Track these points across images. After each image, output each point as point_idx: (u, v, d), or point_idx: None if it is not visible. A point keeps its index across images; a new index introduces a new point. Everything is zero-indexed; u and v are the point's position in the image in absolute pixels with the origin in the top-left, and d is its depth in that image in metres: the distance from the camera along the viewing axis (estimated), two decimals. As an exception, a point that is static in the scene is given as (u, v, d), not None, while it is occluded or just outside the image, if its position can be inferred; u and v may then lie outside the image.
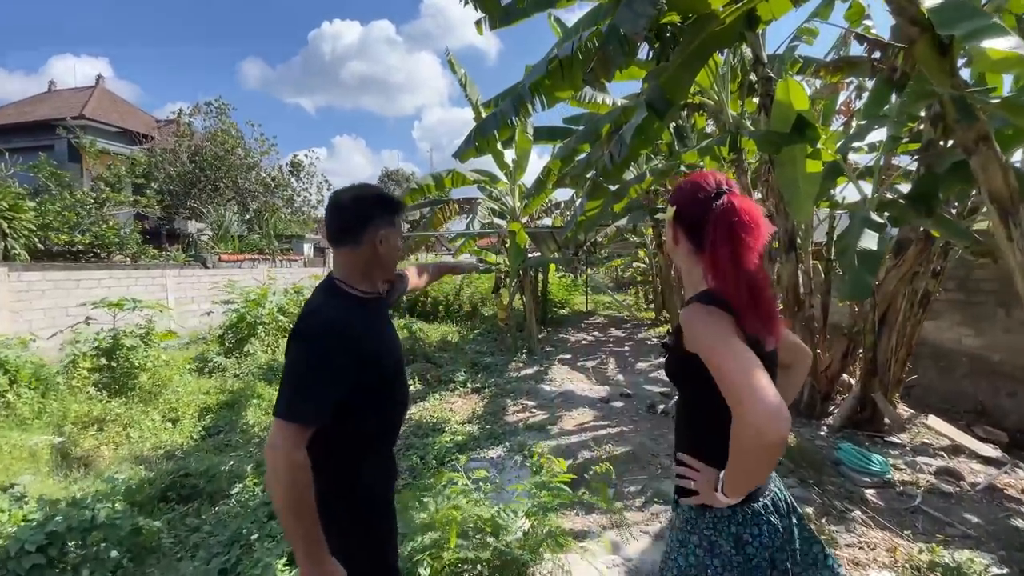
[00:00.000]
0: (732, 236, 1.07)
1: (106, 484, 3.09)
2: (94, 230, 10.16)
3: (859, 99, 6.31)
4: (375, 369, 1.31)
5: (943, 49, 2.89)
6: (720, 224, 1.09)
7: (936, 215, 3.76)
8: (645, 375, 6.43)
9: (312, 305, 1.32)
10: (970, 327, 6.02)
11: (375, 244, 1.34)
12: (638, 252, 14.92)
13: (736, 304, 1.05)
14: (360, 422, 1.32)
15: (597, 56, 2.98)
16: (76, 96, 20.54)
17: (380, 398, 1.36)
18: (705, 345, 1.02)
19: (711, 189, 1.15)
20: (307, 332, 1.23)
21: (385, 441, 1.47)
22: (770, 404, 0.88)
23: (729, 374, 0.95)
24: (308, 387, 1.18)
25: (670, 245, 1.28)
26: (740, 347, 0.98)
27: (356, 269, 1.36)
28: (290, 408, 1.16)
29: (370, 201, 1.36)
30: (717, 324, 1.03)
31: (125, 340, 4.98)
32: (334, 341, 1.21)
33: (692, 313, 1.07)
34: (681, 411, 1.27)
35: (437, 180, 7.20)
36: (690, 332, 1.06)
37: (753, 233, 1.07)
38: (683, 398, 1.25)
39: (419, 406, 5.06)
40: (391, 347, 1.45)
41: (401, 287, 1.72)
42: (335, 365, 1.20)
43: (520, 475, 3.35)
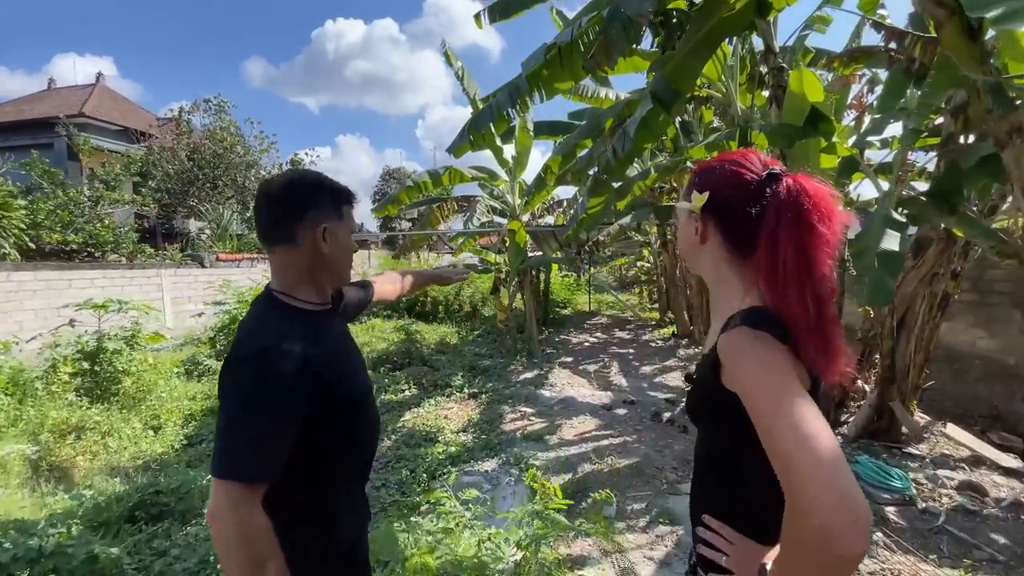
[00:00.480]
0: (802, 230, 0.80)
1: (73, 501, 2.91)
2: (88, 229, 9.99)
3: (872, 92, 6.08)
4: (335, 399, 1.07)
5: (972, 34, 2.67)
6: (784, 214, 0.81)
7: (959, 213, 3.54)
8: (649, 380, 6.20)
9: (247, 326, 1.06)
10: (984, 329, 5.83)
11: (317, 241, 1.09)
12: (642, 251, 14.69)
13: (800, 326, 0.78)
14: (320, 464, 1.09)
15: (598, 41, 2.75)
16: (76, 94, 20.44)
17: (343, 433, 1.12)
18: (756, 391, 0.75)
19: (758, 170, 0.88)
20: (243, 363, 0.98)
21: (353, 481, 1.21)
22: (847, 502, 0.62)
23: (788, 444, 0.68)
24: (252, 434, 0.95)
25: (690, 246, 0.99)
26: (806, 405, 0.71)
27: (297, 275, 1.11)
28: (233, 464, 0.93)
29: (307, 188, 1.11)
30: (775, 363, 0.76)
31: (108, 343, 4.79)
32: (278, 371, 0.96)
33: (739, 341, 0.80)
34: (705, 460, 0.98)
35: (434, 177, 6.99)
36: (735, 367, 0.79)
37: (830, 226, 0.80)
38: (710, 445, 0.96)
39: (413, 412, 4.86)
40: (352, 370, 1.19)
41: (363, 297, 1.47)
42: (282, 402, 0.97)
43: (516, 491, 3.15)
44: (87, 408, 4.32)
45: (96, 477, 3.47)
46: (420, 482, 3.32)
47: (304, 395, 0.99)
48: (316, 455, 1.06)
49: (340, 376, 1.10)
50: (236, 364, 0.98)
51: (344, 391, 1.09)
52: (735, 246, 0.91)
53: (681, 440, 4.10)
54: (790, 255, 0.80)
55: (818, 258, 0.80)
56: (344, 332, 1.26)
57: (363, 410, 1.18)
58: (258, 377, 0.95)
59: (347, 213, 1.15)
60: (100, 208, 10.90)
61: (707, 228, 0.94)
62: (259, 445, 0.94)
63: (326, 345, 1.09)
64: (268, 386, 0.95)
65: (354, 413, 1.14)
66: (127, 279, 9.47)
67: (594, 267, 15.79)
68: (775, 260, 0.81)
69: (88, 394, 4.62)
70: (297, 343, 1.01)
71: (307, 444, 1.02)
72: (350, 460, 1.17)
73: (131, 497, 2.76)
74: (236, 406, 0.95)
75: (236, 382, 0.96)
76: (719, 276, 0.95)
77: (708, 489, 0.98)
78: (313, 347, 1.03)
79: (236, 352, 1.00)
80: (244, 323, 1.08)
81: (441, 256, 15.80)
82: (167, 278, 10.21)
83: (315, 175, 1.15)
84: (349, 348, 1.24)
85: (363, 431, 1.19)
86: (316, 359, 1.02)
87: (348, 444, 1.14)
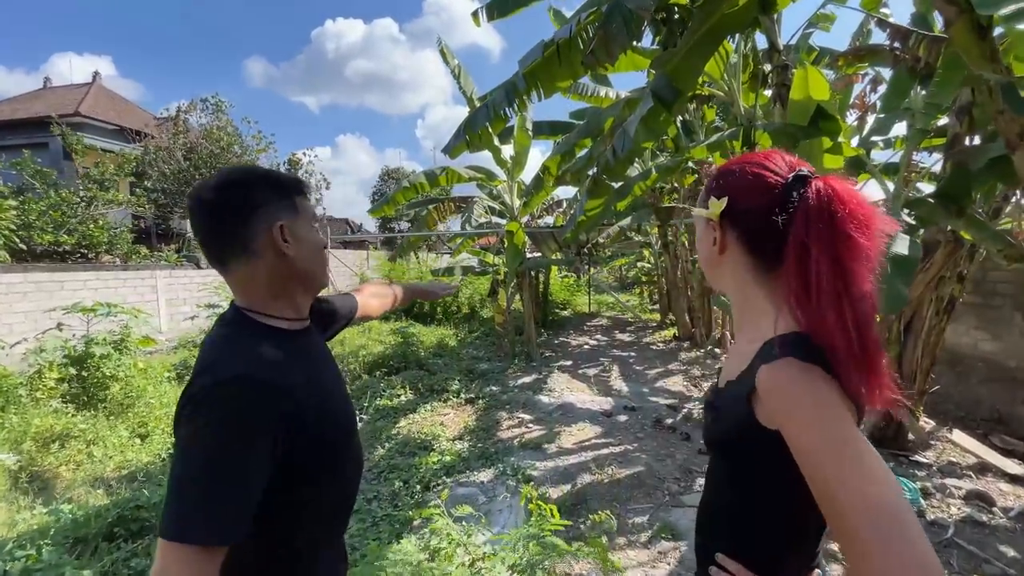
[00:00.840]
0: (837, 241, 0.70)
1: (50, 516, 2.79)
2: (81, 229, 9.86)
3: (874, 92, 5.98)
4: (315, 439, 0.90)
5: (982, 32, 2.58)
6: (816, 222, 0.71)
7: (967, 215, 3.44)
8: (651, 384, 6.09)
9: (209, 352, 0.88)
10: (986, 331, 5.76)
11: (276, 244, 0.91)
12: (642, 251, 14.58)
13: (841, 355, 0.68)
14: (293, 515, 0.92)
15: (598, 36, 2.64)
16: (72, 93, 20.29)
17: (322, 479, 0.94)
18: (812, 442, 0.65)
19: (784, 172, 0.78)
20: (203, 399, 0.80)
21: (332, 532, 1.04)
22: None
23: (854, 510, 0.59)
24: (211, 489, 0.77)
25: (709, 257, 0.89)
26: (872, 458, 0.62)
27: (264, 290, 0.94)
28: (188, 524, 0.75)
29: (247, 185, 0.92)
30: (832, 406, 0.66)
31: (96, 348, 4.68)
32: (246, 410, 0.80)
33: (788, 378, 0.69)
34: (723, 492, 0.87)
35: (431, 177, 6.88)
36: (783, 407, 0.69)
37: (869, 234, 0.70)
38: (731, 479, 0.85)
39: (408, 419, 4.75)
40: (334, 402, 1.00)
41: (344, 311, 1.29)
42: (250, 448, 0.79)
43: (512, 504, 3.04)
44: (72, 415, 4.21)
45: (79, 489, 3.35)
46: (413, 494, 3.20)
47: (278, 438, 0.82)
48: (288, 505, 0.90)
49: (321, 411, 0.92)
50: (195, 400, 0.80)
51: (325, 429, 0.93)
52: (760, 258, 0.81)
53: (683, 448, 4.00)
54: (824, 270, 0.69)
55: (857, 273, 0.70)
56: (324, 353, 1.09)
57: (346, 450, 1.01)
58: (221, 418, 0.78)
59: (302, 204, 0.98)
60: (94, 208, 10.75)
61: (726, 238, 0.84)
62: (221, 501, 0.77)
63: (306, 373, 0.93)
64: (233, 429, 0.78)
65: (336, 454, 0.96)
66: (121, 280, 9.34)
67: (594, 268, 15.69)
68: (807, 277, 0.71)
69: (74, 400, 4.50)
70: (271, 373, 0.85)
71: (278, 493, 0.86)
72: (328, 508, 0.99)
73: (110, 512, 2.64)
74: (194, 453, 0.78)
75: (194, 422, 0.79)
76: (744, 292, 0.85)
77: (721, 527, 0.88)
78: (290, 377, 0.87)
79: (195, 384, 0.82)
80: (206, 347, 0.90)
81: (439, 257, 15.69)
82: (162, 279, 10.08)
83: (251, 168, 0.99)
84: (330, 373, 1.05)
85: (345, 474, 1.01)
86: (294, 392, 0.86)
87: (327, 490, 0.96)
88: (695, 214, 0.91)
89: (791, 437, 0.67)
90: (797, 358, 0.69)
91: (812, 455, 0.64)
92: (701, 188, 4.48)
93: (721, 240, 0.85)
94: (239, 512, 0.78)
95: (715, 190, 0.86)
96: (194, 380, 0.83)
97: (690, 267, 8.63)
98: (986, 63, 2.50)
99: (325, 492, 0.96)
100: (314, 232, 0.99)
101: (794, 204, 0.74)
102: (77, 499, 3.17)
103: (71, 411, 4.30)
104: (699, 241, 0.92)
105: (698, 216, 0.90)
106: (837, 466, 0.62)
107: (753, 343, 0.78)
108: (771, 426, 0.71)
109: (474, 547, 2.26)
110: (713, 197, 0.85)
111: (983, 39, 2.49)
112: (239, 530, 0.78)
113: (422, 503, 3.04)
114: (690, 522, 2.97)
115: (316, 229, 1.00)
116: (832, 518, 0.62)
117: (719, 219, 0.84)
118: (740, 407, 0.75)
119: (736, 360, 0.84)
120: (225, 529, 0.76)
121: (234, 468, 0.78)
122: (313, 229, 0.99)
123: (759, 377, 0.71)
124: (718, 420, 0.85)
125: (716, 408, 0.86)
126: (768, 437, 0.70)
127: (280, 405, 0.83)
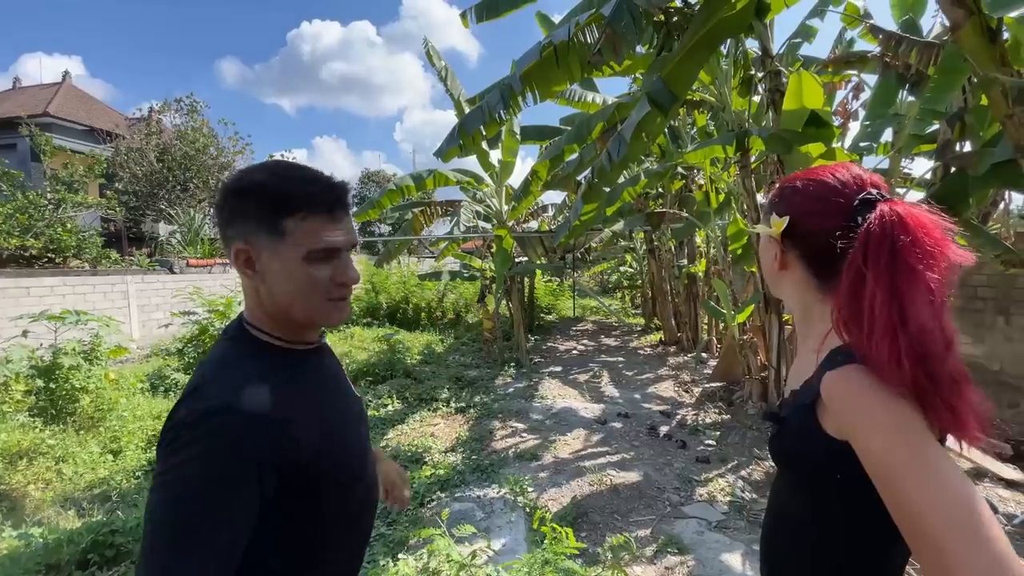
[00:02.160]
0: (897, 272, 0.65)
1: (21, 541, 2.59)
2: (48, 233, 9.45)
3: (856, 99, 6.07)
4: (319, 476, 0.78)
5: (991, 35, 2.59)
6: (875, 252, 0.67)
7: (964, 220, 3.47)
8: (641, 390, 6.04)
9: (201, 373, 0.78)
10: (969, 335, 5.85)
11: (253, 266, 0.79)
12: (625, 256, 14.62)
13: (897, 386, 0.64)
14: (294, 563, 0.81)
15: (605, 35, 2.57)
16: (41, 93, 19.61)
17: (328, 519, 0.83)
18: (886, 450, 0.62)
19: (853, 191, 0.75)
20: (184, 430, 0.70)
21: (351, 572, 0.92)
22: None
23: (937, 524, 0.56)
24: (191, 535, 0.66)
25: (770, 271, 0.88)
26: (948, 461, 0.60)
27: (259, 306, 0.83)
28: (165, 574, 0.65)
29: (238, 190, 0.80)
30: (903, 412, 0.63)
31: (65, 359, 4.42)
32: (231, 445, 0.69)
33: (855, 381, 0.67)
34: (790, 514, 0.83)
35: (417, 181, 6.73)
36: (849, 410, 0.67)
37: (934, 266, 0.65)
38: (802, 501, 0.80)
39: (397, 430, 4.59)
40: (343, 431, 0.88)
41: None
42: (235, 489, 0.69)
43: (512, 520, 2.92)
44: (40, 430, 3.96)
45: (48, 510, 3.13)
46: (408, 511, 3.07)
47: (264, 476, 0.71)
48: (288, 551, 0.79)
49: (325, 444, 0.81)
50: (175, 429, 0.70)
51: (330, 465, 0.81)
52: (822, 277, 0.80)
53: (680, 457, 3.93)
54: (880, 302, 0.66)
55: (915, 306, 0.65)
56: (334, 375, 0.95)
57: (356, 484, 0.89)
58: (203, 454, 0.68)
59: (292, 227, 0.77)
60: (62, 211, 10.32)
61: (787, 256, 0.84)
62: (200, 549, 0.66)
63: (308, 399, 0.82)
64: (213, 469, 0.68)
65: (344, 490, 0.85)
66: (90, 286, 8.97)
67: (577, 272, 15.69)
68: (859, 305, 0.68)
69: (42, 414, 4.24)
70: (261, 404, 0.73)
71: (274, 537, 0.76)
72: (333, 552, 0.86)
73: (83, 538, 2.45)
74: (170, 492, 0.68)
75: (174, 455, 0.69)
76: (804, 305, 0.85)
77: (789, 558, 0.83)
78: (285, 408, 0.76)
79: (179, 409, 0.72)
80: (202, 362, 0.81)
81: (421, 261, 15.51)
82: (134, 285, 9.72)
83: (273, 168, 0.82)
84: (342, 399, 0.93)
85: (353, 513, 0.89)
86: (293, 423, 0.75)
87: (332, 532, 0.85)
88: (757, 230, 0.90)
89: (859, 440, 0.65)
90: (862, 370, 0.67)
91: (881, 457, 0.63)
92: (689, 194, 4.49)
93: (781, 257, 0.84)
94: (220, 562, 0.68)
95: (778, 206, 0.84)
96: (179, 403, 0.73)
97: (676, 272, 8.64)
98: (995, 66, 2.50)
99: (330, 533, 0.84)
100: (299, 267, 0.78)
101: (856, 230, 0.71)
102: (47, 521, 2.96)
103: (39, 425, 4.05)
104: (761, 252, 0.92)
105: (763, 231, 0.87)
106: (912, 468, 0.60)
107: (816, 353, 0.77)
108: (839, 436, 0.68)
109: (477, 569, 2.15)
110: (775, 214, 0.83)
111: (993, 42, 2.49)
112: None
113: (417, 521, 2.91)
114: (694, 534, 2.90)
115: (306, 262, 0.78)
116: (907, 527, 0.60)
117: (780, 237, 0.83)
118: (805, 416, 0.73)
119: (800, 370, 0.83)
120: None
121: (213, 517, 0.68)
122: (297, 262, 0.78)
123: (825, 384, 0.70)
124: (782, 432, 0.81)
125: (781, 419, 0.82)
126: (836, 448, 0.68)
127: (269, 441, 0.72)
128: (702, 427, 4.58)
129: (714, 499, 3.26)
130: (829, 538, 0.76)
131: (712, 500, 3.25)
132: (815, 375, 0.74)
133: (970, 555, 0.54)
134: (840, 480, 0.70)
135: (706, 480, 3.50)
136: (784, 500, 0.86)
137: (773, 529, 0.88)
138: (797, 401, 0.77)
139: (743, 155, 4.51)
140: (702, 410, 5.07)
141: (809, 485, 0.78)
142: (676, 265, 8.61)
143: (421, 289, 10.87)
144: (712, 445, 4.17)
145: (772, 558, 0.87)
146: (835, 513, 0.75)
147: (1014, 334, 5.29)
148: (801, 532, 0.80)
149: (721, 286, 5.21)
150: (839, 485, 0.71)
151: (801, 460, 0.78)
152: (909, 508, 0.59)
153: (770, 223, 0.84)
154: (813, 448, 0.72)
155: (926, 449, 0.61)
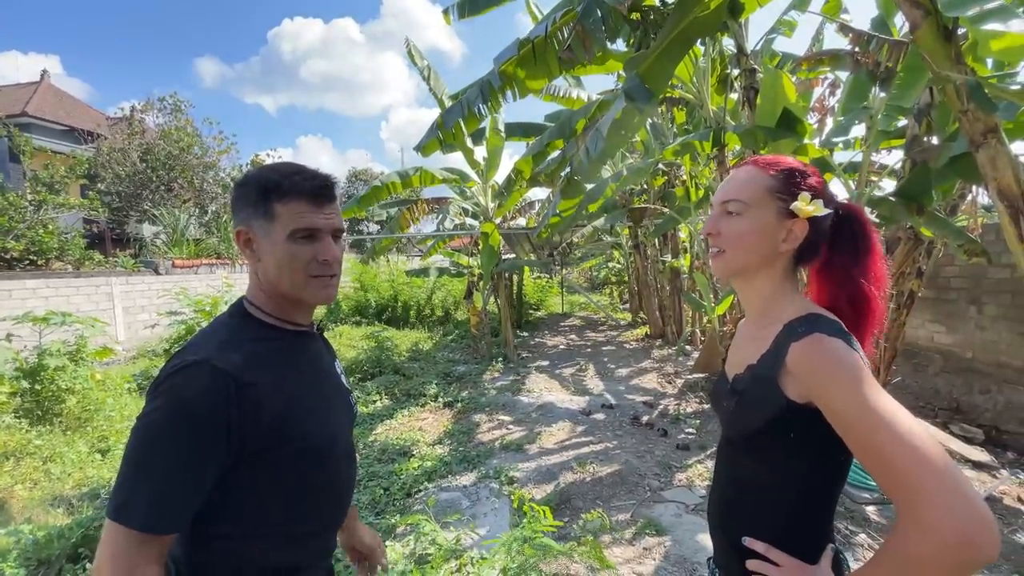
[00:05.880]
0: (873, 243, 0.89)
1: (11, 537, 2.62)
2: (29, 235, 9.34)
3: (833, 96, 6.22)
4: (282, 444, 0.85)
5: (947, 34, 2.70)
6: (864, 234, 0.89)
7: (928, 213, 3.60)
8: (625, 382, 6.16)
9: (193, 337, 0.91)
10: (942, 324, 6.04)
11: (251, 247, 0.92)
12: (612, 252, 14.76)
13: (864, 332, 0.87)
14: (262, 531, 0.88)
15: (575, 32, 2.65)
16: (19, 93, 19.31)
17: (292, 492, 0.89)
18: (856, 407, 0.70)
19: (833, 199, 0.93)
20: (162, 380, 0.81)
21: (306, 550, 0.96)
22: (980, 508, 0.62)
23: (907, 460, 0.66)
24: (152, 471, 0.76)
25: (766, 247, 0.88)
26: (910, 416, 0.70)
27: (257, 285, 0.95)
28: (125, 505, 0.74)
29: (242, 182, 0.94)
30: (866, 373, 0.73)
31: (50, 360, 4.42)
32: (197, 395, 0.78)
33: (823, 350, 0.75)
34: (749, 478, 0.89)
35: (404, 178, 6.77)
36: (818, 374, 0.74)
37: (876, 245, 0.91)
38: (762, 463, 0.87)
39: (385, 425, 4.66)
40: (317, 410, 0.94)
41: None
42: (193, 435, 0.77)
43: (496, 507, 3.01)
44: (27, 431, 3.97)
45: (37, 508, 3.16)
46: (396, 500, 3.14)
47: (232, 426, 0.79)
48: (255, 517, 0.87)
49: (291, 414, 0.87)
50: (158, 379, 0.82)
51: (294, 434, 0.87)
52: (799, 258, 0.90)
53: (661, 445, 4.04)
54: (877, 265, 0.88)
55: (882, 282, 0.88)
56: (322, 361, 1.03)
57: (326, 463, 0.95)
58: (172, 401, 0.78)
59: (280, 210, 0.88)
60: (43, 213, 10.20)
61: (793, 235, 0.87)
62: (158, 486, 0.76)
63: (281, 371, 0.89)
64: (181, 413, 0.77)
65: (314, 466, 0.91)
66: (74, 288, 8.89)
67: (565, 269, 15.79)
68: (854, 270, 0.87)
69: (28, 415, 4.24)
70: (236, 364, 0.82)
71: (243, 501, 0.84)
72: (299, 527, 0.93)
73: (74, 532, 2.49)
74: (141, 434, 0.78)
75: (157, 399, 0.80)
76: (775, 282, 0.89)
77: (747, 509, 0.90)
78: (258, 373, 0.84)
79: (171, 364, 0.83)
80: (198, 331, 0.95)
81: (410, 259, 15.51)
82: (118, 287, 9.65)
83: (279, 164, 0.93)
84: (325, 383, 1.01)
85: (322, 491, 0.95)
86: (255, 388, 0.82)
87: (296, 506, 0.91)
88: (806, 211, 0.85)
89: (830, 401, 0.72)
90: (825, 334, 0.76)
91: (853, 412, 0.70)
92: (671, 190, 4.59)
93: (791, 236, 0.87)
94: (175, 502, 0.77)
95: (807, 188, 0.86)
96: (169, 360, 0.85)
97: (660, 267, 8.78)
98: (951, 64, 2.61)
99: (296, 506, 0.91)
100: (285, 245, 0.88)
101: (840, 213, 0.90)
102: (36, 519, 2.98)
103: (25, 426, 4.06)
104: (755, 223, 0.87)
105: (758, 203, 0.87)
106: (880, 418, 0.68)
107: (767, 327, 0.85)
108: (802, 400, 0.76)
109: (462, 551, 2.23)
110: (806, 193, 0.85)
111: (948, 41, 2.60)
112: (173, 522, 0.78)
113: (405, 510, 2.99)
114: (672, 516, 3.00)
115: (292, 240, 0.89)
116: (880, 469, 0.68)
117: (807, 216, 0.86)
118: (768, 389, 0.80)
119: (751, 345, 0.88)
120: (159, 517, 0.76)
121: (181, 453, 0.77)
122: (283, 241, 0.88)
123: (792, 353, 0.77)
124: (743, 404, 0.86)
125: (738, 392, 0.88)
126: (801, 413, 0.76)
127: (235, 394, 0.80)
128: (683, 416, 4.70)
129: (692, 484, 3.37)
130: (783, 491, 0.84)
131: (691, 485, 3.37)
132: (771, 349, 0.81)
133: (942, 490, 0.63)
134: (793, 439, 0.79)
135: (685, 466, 3.62)
136: (738, 464, 0.92)
137: (728, 493, 0.94)
138: (756, 373, 0.84)
139: (720, 151, 4.62)
140: (684, 400, 5.20)
141: (766, 447, 0.84)
142: (660, 260, 8.75)
143: (410, 287, 10.91)
144: (692, 433, 4.29)
145: (730, 517, 0.92)
146: (788, 468, 0.83)
147: (985, 323, 5.47)
148: (757, 489, 0.87)
149: (702, 279, 5.33)
150: (792, 443, 0.80)
151: (761, 425, 0.83)
152: (885, 455, 0.67)
153: (788, 204, 0.85)
154: (774, 413, 0.79)
155: (888, 402, 0.70)
